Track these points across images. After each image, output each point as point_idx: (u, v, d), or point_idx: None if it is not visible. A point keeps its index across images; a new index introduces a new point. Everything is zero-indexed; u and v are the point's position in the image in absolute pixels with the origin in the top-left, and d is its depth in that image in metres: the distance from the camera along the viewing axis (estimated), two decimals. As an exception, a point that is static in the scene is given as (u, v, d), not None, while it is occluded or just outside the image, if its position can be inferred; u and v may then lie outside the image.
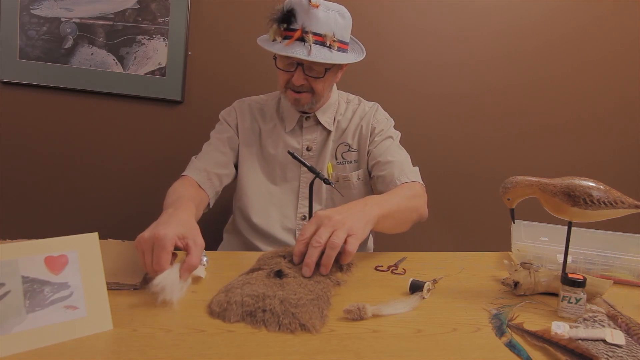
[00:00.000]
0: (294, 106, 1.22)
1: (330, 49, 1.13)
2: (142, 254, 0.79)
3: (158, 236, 0.78)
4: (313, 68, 1.15)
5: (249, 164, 1.28)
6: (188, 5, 1.58)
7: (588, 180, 0.79)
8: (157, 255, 0.77)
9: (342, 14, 1.15)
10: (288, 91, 1.19)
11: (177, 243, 0.80)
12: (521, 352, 0.66)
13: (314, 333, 0.69)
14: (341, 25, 1.15)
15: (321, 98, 1.22)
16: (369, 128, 1.28)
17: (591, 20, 1.70)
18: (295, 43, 1.10)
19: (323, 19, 1.11)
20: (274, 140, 1.28)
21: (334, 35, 1.13)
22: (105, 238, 0.92)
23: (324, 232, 0.84)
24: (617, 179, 1.75)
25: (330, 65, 1.16)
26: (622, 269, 0.96)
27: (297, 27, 1.11)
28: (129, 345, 0.65)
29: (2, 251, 0.62)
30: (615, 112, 1.76)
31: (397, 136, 1.31)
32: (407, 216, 1.08)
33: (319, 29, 1.11)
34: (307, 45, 1.10)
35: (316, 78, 1.16)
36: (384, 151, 1.25)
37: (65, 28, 1.57)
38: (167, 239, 0.78)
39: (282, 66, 1.17)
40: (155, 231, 0.79)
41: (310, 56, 1.09)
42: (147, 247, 0.79)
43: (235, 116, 1.30)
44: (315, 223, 0.86)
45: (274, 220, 1.25)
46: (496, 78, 1.73)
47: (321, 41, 1.12)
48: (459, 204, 1.80)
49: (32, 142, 1.64)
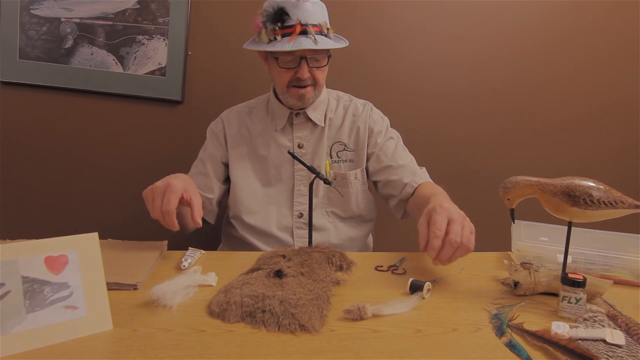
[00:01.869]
0: (300, 102, 1.22)
1: (328, 36, 1.18)
2: (152, 199, 0.96)
3: (171, 184, 0.96)
4: (317, 59, 1.17)
5: (242, 170, 1.28)
6: (188, 5, 1.58)
7: (588, 180, 0.79)
8: (168, 197, 0.94)
9: (319, 4, 1.19)
10: (291, 89, 1.19)
11: (183, 194, 0.97)
12: (521, 352, 0.66)
13: (313, 333, 0.69)
14: (325, 14, 1.20)
15: (322, 89, 1.24)
16: (366, 128, 1.29)
17: (591, 20, 1.70)
18: (298, 37, 1.12)
19: (312, 10, 1.15)
20: (264, 141, 1.29)
21: (326, 23, 1.18)
22: (105, 238, 0.92)
23: (458, 228, 0.85)
24: (617, 179, 1.75)
25: (330, 53, 1.20)
26: (622, 269, 0.96)
27: (293, 22, 1.13)
28: (129, 345, 0.65)
29: (2, 251, 0.62)
30: (615, 111, 1.76)
31: (397, 136, 1.32)
32: None
33: (314, 20, 1.15)
34: (310, 36, 1.13)
35: (319, 68, 1.19)
36: (391, 155, 1.27)
37: (65, 28, 1.57)
38: (178, 187, 0.96)
39: (285, 64, 1.17)
40: (168, 181, 0.97)
41: (319, 45, 1.12)
42: (159, 193, 0.96)
43: (222, 126, 1.31)
44: (446, 216, 0.86)
45: (271, 220, 1.25)
46: (496, 78, 1.72)
47: (319, 31, 1.15)
48: (459, 204, 1.78)
49: (32, 142, 1.64)
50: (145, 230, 1.71)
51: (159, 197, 0.95)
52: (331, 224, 1.27)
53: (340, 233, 1.27)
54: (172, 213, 0.94)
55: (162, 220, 0.96)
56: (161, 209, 0.94)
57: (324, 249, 0.97)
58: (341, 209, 1.27)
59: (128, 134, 1.66)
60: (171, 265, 0.96)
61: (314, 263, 0.90)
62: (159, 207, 0.94)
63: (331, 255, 0.96)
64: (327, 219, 1.27)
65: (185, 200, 0.99)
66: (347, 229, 1.29)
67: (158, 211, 0.95)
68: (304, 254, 0.94)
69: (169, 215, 0.94)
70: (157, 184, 0.98)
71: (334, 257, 0.95)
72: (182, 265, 0.93)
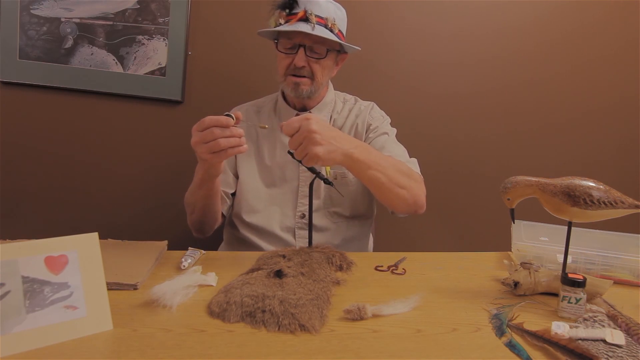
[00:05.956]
0: (294, 92, 1.22)
1: (331, 31, 1.18)
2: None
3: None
4: (315, 50, 1.18)
5: (248, 169, 1.29)
6: (188, 5, 1.58)
7: (588, 180, 0.79)
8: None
9: (339, 7, 1.22)
10: (288, 77, 1.21)
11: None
12: (521, 352, 0.66)
13: (313, 333, 0.69)
14: (339, 17, 1.21)
15: (320, 86, 1.23)
16: (364, 125, 1.29)
17: (591, 20, 1.70)
18: (299, 22, 1.14)
19: (324, 4, 1.17)
20: (270, 143, 1.29)
21: (335, 20, 1.19)
22: (105, 238, 0.92)
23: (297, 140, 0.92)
24: (617, 179, 1.75)
25: (330, 47, 1.19)
26: (622, 269, 0.96)
27: (299, 10, 1.15)
28: (129, 345, 0.65)
29: (2, 251, 0.62)
30: (615, 112, 1.76)
31: (392, 132, 1.31)
32: (392, 185, 1.06)
33: (321, 12, 1.16)
34: (310, 24, 1.14)
35: (317, 59, 1.18)
36: (379, 147, 1.25)
37: (65, 28, 1.57)
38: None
39: (284, 49, 1.19)
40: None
41: (315, 31, 1.13)
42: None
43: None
44: (299, 123, 0.93)
45: (273, 220, 1.26)
46: (496, 78, 1.72)
47: (323, 23, 1.16)
48: (459, 204, 1.80)
49: (32, 142, 1.64)
50: (145, 230, 1.72)
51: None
52: (333, 224, 1.27)
53: (341, 233, 1.27)
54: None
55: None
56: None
57: (324, 249, 0.97)
58: (343, 208, 1.27)
59: (128, 134, 1.66)
60: (171, 265, 0.96)
61: (314, 263, 0.90)
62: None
63: (331, 255, 0.96)
64: (329, 219, 1.26)
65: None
66: (348, 229, 1.28)
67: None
68: (304, 254, 0.94)
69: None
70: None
71: (334, 257, 0.96)
72: (182, 265, 0.93)
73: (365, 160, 1.01)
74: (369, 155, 1.02)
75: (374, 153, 1.04)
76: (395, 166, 1.08)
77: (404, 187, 1.08)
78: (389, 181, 1.05)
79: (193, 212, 1.19)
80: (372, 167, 1.02)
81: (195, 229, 1.23)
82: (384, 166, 1.04)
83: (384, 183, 1.05)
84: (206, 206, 1.16)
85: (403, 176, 1.08)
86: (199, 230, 1.23)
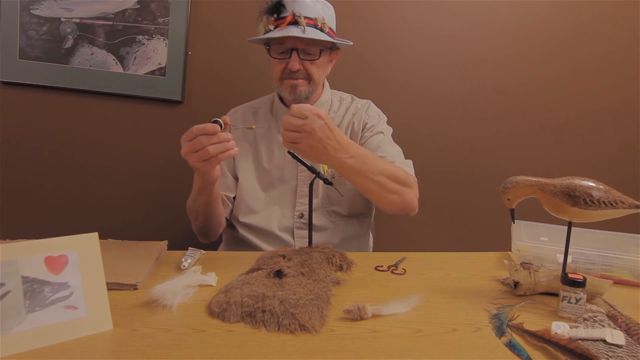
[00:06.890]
0: (292, 95, 1.22)
1: (322, 31, 1.17)
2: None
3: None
4: (308, 52, 1.18)
5: (246, 170, 1.28)
6: (188, 5, 1.58)
7: (588, 180, 0.79)
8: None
9: (326, 4, 1.20)
10: (284, 81, 1.20)
11: None
12: (521, 352, 0.66)
13: (313, 333, 0.69)
14: (328, 14, 1.20)
15: (317, 86, 1.23)
16: (360, 124, 1.29)
17: (591, 20, 1.70)
18: (288, 26, 1.14)
19: (311, 5, 1.16)
20: (268, 144, 1.29)
21: (324, 19, 1.18)
22: (105, 238, 0.92)
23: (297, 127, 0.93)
24: (617, 179, 1.75)
25: (323, 46, 1.19)
26: (622, 269, 0.96)
27: (287, 14, 1.15)
28: (129, 345, 0.65)
29: (2, 251, 0.62)
30: (615, 112, 1.76)
31: (388, 131, 1.31)
32: (383, 191, 1.07)
33: (309, 13, 1.16)
34: (300, 27, 1.14)
35: (311, 61, 1.18)
36: (374, 147, 1.25)
37: (65, 28, 1.57)
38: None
39: (277, 55, 1.19)
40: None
41: (305, 34, 1.13)
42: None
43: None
44: (309, 113, 0.93)
45: (272, 220, 1.25)
46: (496, 78, 1.72)
47: (313, 24, 1.16)
48: (459, 204, 1.80)
49: (32, 142, 1.64)
50: (145, 230, 1.72)
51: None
52: (332, 223, 1.27)
53: (340, 232, 1.27)
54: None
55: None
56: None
57: (324, 249, 0.97)
58: (341, 207, 1.27)
59: (128, 134, 1.66)
60: (171, 265, 0.96)
61: (314, 263, 0.90)
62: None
63: (331, 255, 0.96)
64: (328, 219, 1.26)
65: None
66: (347, 228, 1.28)
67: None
68: (304, 254, 0.94)
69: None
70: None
71: (334, 257, 0.95)
72: (182, 265, 0.93)
73: (357, 168, 1.02)
74: (363, 165, 1.02)
75: (369, 162, 1.04)
76: (389, 172, 1.08)
77: (396, 193, 1.09)
78: (381, 188, 1.06)
79: (197, 218, 1.19)
80: (362, 174, 1.03)
81: (201, 234, 1.23)
82: (377, 174, 1.05)
83: (375, 190, 1.06)
84: (208, 212, 1.16)
85: (396, 183, 1.09)
86: (205, 235, 1.23)
